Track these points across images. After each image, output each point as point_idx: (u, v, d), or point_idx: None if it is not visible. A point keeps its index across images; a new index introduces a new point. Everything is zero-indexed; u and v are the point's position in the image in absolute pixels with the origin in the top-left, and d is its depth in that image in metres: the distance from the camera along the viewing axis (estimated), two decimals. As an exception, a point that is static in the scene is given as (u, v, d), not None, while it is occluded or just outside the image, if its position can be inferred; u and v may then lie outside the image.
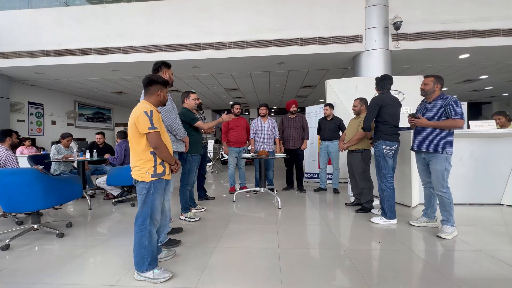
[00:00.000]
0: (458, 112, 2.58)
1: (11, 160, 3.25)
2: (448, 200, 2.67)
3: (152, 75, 2.00)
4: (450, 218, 2.67)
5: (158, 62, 2.61)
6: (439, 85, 2.75)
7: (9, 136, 3.37)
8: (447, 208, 2.68)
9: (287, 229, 2.95)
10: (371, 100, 3.18)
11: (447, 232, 2.63)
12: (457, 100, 2.65)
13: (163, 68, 2.60)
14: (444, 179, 2.68)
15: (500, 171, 3.73)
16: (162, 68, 2.59)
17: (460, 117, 2.57)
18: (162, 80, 2.00)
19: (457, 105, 2.60)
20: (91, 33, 6.45)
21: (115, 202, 4.21)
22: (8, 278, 1.98)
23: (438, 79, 2.75)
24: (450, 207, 2.67)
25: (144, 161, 1.88)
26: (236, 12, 6.22)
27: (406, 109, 5.33)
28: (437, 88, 2.74)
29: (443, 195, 2.68)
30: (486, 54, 6.50)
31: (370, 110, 3.13)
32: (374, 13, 5.85)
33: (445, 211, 2.69)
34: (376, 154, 3.11)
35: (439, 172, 2.68)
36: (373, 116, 3.11)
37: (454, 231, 2.66)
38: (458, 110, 2.59)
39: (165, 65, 2.61)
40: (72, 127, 10.92)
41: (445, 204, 2.69)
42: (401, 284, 1.82)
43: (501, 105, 14.25)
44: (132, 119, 1.85)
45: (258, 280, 1.89)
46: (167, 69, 2.61)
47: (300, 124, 4.88)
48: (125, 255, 2.31)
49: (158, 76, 2.02)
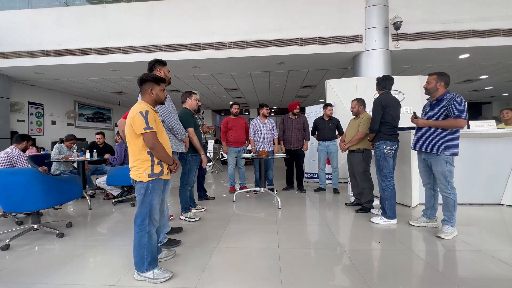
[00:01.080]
0: (460, 111, 2.51)
1: (22, 160, 3.42)
2: (453, 201, 2.63)
3: (143, 74, 1.97)
4: (451, 219, 2.65)
5: (152, 61, 2.59)
6: (442, 82, 2.68)
7: (26, 141, 3.65)
8: (450, 208, 2.65)
9: (287, 229, 2.95)
10: (375, 100, 3.14)
11: (447, 233, 2.62)
12: (461, 99, 2.56)
13: (157, 66, 2.58)
14: (447, 180, 2.63)
15: (500, 171, 3.73)
16: (156, 66, 2.58)
17: (462, 116, 2.51)
18: (152, 77, 1.95)
19: (459, 104, 2.53)
20: (91, 33, 6.45)
21: (115, 202, 4.21)
22: (8, 278, 1.98)
23: (440, 76, 2.69)
24: (453, 208, 2.64)
25: (141, 161, 1.88)
26: (236, 12, 6.22)
27: (406, 109, 5.34)
28: (440, 86, 2.68)
29: (448, 196, 2.64)
30: (486, 54, 6.49)
31: (376, 111, 3.07)
32: (374, 13, 5.85)
33: (447, 211, 2.67)
34: (376, 154, 3.11)
35: (440, 173, 2.65)
36: (379, 116, 3.07)
37: (454, 231, 2.65)
38: (460, 109, 2.52)
39: (159, 63, 2.59)
40: (72, 127, 10.92)
41: (448, 204, 2.66)
42: (401, 284, 1.82)
43: (501, 105, 14.23)
44: (129, 119, 1.84)
45: (258, 280, 1.89)
46: (161, 66, 2.59)
47: (301, 125, 4.88)
48: (125, 255, 2.31)
49: (149, 74, 1.99)
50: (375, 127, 3.11)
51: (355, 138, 3.56)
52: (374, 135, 3.20)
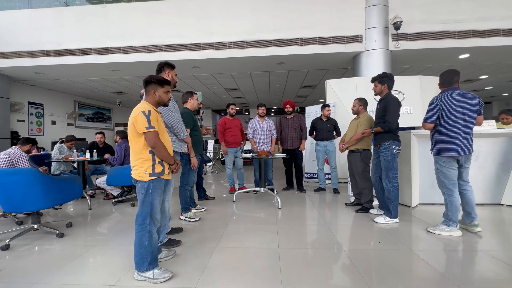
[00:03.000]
0: (426, 115, 2.68)
1: (23, 160, 3.44)
2: (445, 200, 2.69)
3: (149, 76, 2.00)
4: (447, 218, 2.69)
5: (162, 63, 2.61)
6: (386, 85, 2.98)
7: (31, 144, 3.72)
8: (445, 208, 2.70)
9: (287, 229, 2.95)
10: (390, 98, 3.04)
11: (436, 228, 2.71)
12: (432, 103, 2.66)
13: (166, 68, 2.60)
14: (440, 179, 2.72)
15: (500, 171, 3.73)
16: (165, 69, 2.59)
17: (424, 120, 2.69)
18: (156, 79, 1.98)
19: (428, 108, 2.67)
20: (91, 33, 6.45)
21: (115, 202, 4.21)
22: (8, 278, 1.98)
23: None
24: (447, 208, 2.68)
25: (142, 160, 1.89)
26: (236, 12, 6.22)
27: (406, 109, 5.34)
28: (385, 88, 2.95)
29: (443, 195, 2.72)
30: (486, 54, 6.50)
31: (396, 109, 3.00)
32: (374, 13, 5.85)
33: (444, 212, 2.73)
34: (386, 155, 3.04)
35: (435, 172, 2.78)
36: (398, 114, 3.04)
37: (447, 230, 2.66)
38: (426, 113, 2.67)
39: (168, 66, 2.60)
40: (72, 127, 10.93)
41: (445, 204, 2.70)
42: (401, 284, 1.82)
43: (501, 105, 14.24)
44: (131, 119, 1.87)
45: (258, 280, 1.89)
46: (170, 69, 2.61)
47: (298, 124, 4.89)
48: (125, 255, 2.31)
49: (153, 75, 2.02)
50: (393, 126, 2.99)
51: (353, 139, 3.56)
52: (375, 133, 3.17)
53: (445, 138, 2.63)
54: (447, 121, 2.61)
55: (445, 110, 2.60)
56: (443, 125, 2.63)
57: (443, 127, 2.64)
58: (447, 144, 2.62)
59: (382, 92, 3.16)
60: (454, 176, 2.67)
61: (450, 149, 2.61)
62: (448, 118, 2.60)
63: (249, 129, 4.85)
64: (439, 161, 2.69)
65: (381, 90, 3.15)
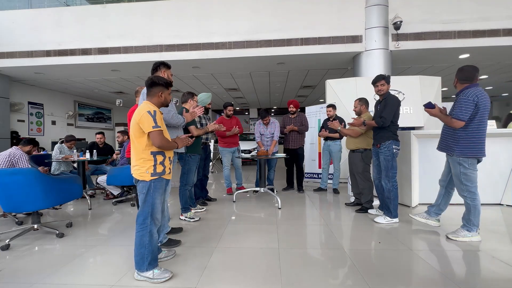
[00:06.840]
0: (459, 112, 2.42)
1: (23, 160, 3.43)
2: (468, 204, 2.50)
3: (155, 77, 2.02)
4: (468, 223, 2.53)
5: (157, 62, 2.61)
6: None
7: (32, 145, 3.70)
8: (466, 212, 2.53)
9: (287, 229, 2.95)
10: (392, 96, 3.07)
11: (456, 234, 2.55)
12: (467, 98, 2.40)
13: (162, 68, 2.60)
14: (462, 183, 2.49)
15: (500, 171, 3.73)
16: (161, 68, 2.59)
17: (457, 117, 2.41)
18: (164, 81, 2.02)
19: (461, 104, 2.41)
20: (91, 33, 6.46)
21: (115, 202, 4.21)
22: (8, 278, 1.98)
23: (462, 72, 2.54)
24: (469, 213, 2.50)
25: (144, 160, 1.90)
26: (236, 12, 6.23)
27: (406, 109, 5.34)
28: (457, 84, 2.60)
29: (465, 199, 2.52)
30: (486, 54, 6.50)
31: (395, 108, 2.99)
32: (374, 13, 5.85)
33: (465, 215, 2.56)
34: (386, 154, 3.03)
35: (455, 175, 2.55)
36: (398, 113, 3.02)
37: (470, 236, 2.52)
38: (460, 110, 2.41)
39: (164, 65, 2.60)
40: (72, 127, 10.93)
41: (466, 208, 2.54)
42: (401, 284, 1.82)
43: (501, 105, 14.24)
44: (135, 119, 1.87)
45: (258, 280, 1.89)
46: (165, 69, 2.61)
47: (300, 123, 4.90)
48: (125, 255, 2.31)
49: (161, 77, 2.04)
50: (387, 123, 2.98)
51: (354, 131, 3.56)
52: (371, 130, 3.16)
53: (477, 137, 2.44)
54: (481, 119, 2.42)
55: (481, 107, 2.39)
56: (477, 124, 2.42)
57: (476, 125, 2.43)
58: (478, 144, 2.44)
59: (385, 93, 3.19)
60: (476, 179, 2.50)
61: (480, 149, 2.45)
62: (483, 116, 2.41)
63: (256, 132, 4.91)
64: (464, 163, 2.46)
65: (388, 90, 3.16)
